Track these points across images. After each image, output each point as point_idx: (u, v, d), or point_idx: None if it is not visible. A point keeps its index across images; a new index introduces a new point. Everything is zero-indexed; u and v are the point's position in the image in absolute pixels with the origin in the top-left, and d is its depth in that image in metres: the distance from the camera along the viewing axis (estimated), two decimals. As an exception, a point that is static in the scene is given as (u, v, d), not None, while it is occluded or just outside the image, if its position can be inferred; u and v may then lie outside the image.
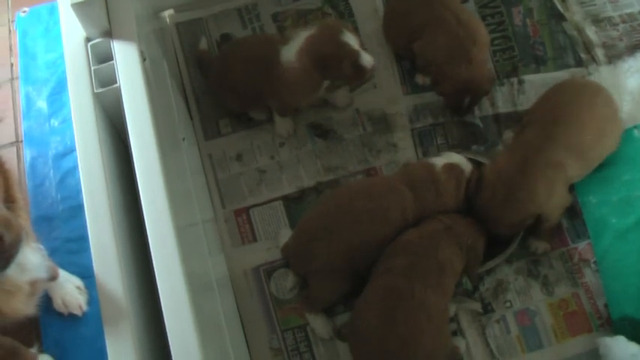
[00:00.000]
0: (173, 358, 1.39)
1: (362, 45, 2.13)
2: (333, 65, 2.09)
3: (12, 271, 1.42)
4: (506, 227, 2.05)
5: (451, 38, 2.21)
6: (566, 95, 2.14)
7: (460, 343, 2.04)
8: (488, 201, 2.02)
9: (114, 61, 1.70)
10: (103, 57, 1.73)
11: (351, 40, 2.08)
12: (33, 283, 1.59)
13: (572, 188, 2.17)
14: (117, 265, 1.50)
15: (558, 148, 2.00)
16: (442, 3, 2.27)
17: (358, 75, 2.13)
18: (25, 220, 1.51)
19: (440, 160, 2.08)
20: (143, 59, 1.70)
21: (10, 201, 1.46)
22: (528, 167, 1.98)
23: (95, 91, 1.68)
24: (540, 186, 1.98)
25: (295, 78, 2.15)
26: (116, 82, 1.68)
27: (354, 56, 2.08)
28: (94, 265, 1.51)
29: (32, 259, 1.56)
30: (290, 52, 2.15)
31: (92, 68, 1.70)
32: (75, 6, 1.67)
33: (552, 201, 2.03)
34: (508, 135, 2.27)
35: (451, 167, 2.06)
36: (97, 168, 1.58)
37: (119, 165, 1.71)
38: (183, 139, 2.05)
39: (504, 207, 1.99)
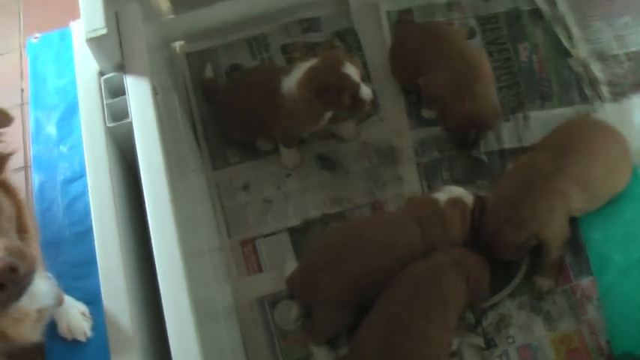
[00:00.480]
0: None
1: (363, 77, 2.15)
2: (333, 96, 2.10)
3: (23, 299, 1.44)
4: (509, 250, 2.06)
5: (454, 74, 2.23)
6: (580, 130, 2.17)
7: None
8: (492, 224, 2.04)
9: (126, 96, 1.72)
10: (116, 91, 1.75)
11: (351, 71, 2.10)
12: (41, 311, 1.60)
13: (574, 224, 2.19)
14: (124, 293, 1.51)
15: (565, 178, 2.02)
16: (446, 38, 2.30)
17: (357, 107, 2.15)
18: (35, 249, 1.52)
19: (443, 195, 2.09)
20: (155, 94, 1.72)
21: (22, 230, 1.47)
22: (532, 191, 2.01)
23: (107, 125, 1.70)
24: (542, 209, 2.00)
25: (295, 109, 2.17)
26: (128, 117, 1.69)
27: (354, 88, 2.10)
28: (102, 292, 1.52)
29: (42, 287, 1.57)
30: (291, 83, 2.17)
31: (105, 102, 1.72)
32: (89, 41, 1.69)
33: (552, 228, 2.05)
34: (512, 170, 2.29)
35: (454, 202, 2.08)
36: (108, 199, 1.60)
37: (129, 196, 1.73)
38: (192, 170, 2.07)
39: (506, 228, 2.01)
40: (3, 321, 1.46)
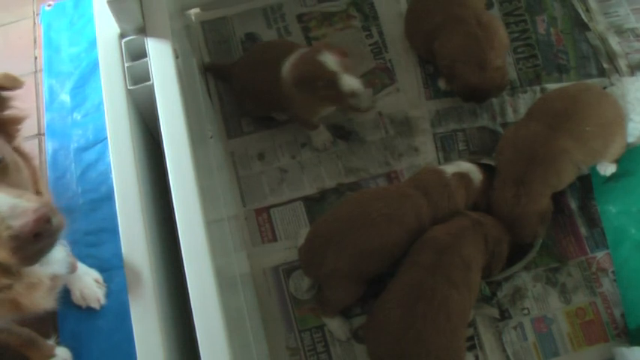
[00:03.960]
0: (200, 351, 1.40)
1: (347, 68, 2.03)
2: (309, 86, 2.05)
3: (40, 263, 1.43)
4: (534, 224, 2.05)
5: (469, 38, 2.21)
6: (567, 93, 2.16)
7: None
8: (505, 209, 2.04)
9: (147, 59, 1.71)
10: (137, 53, 1.74)
11: (328, 59, 2.01)
12: (54, 278, 1.60)
13: (591, 197, 2.19)
14: (146, 258, 1.50)
15: (562, 136, 2.01)
16: (463, 2, 2.27)
17: (339, 98, 2.05)
18: None
19: (450, 168, 2.10)
20: (176, 57, 1.71)
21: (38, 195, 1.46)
22: (536, 160, 2.01)
23: (128, 87, 1.69)
24: (551, 173, 2.02)
25: (291, 95, 2.13)
26: (149, 80, 1.68)
27: (329, 77, 2.01)
28: (124, 256, 1.51)
29: (56, 253, 1.56)
30: (286, 68, 2.13)
31: (125, 65, 1.71)
32: (111, 3, 1.68)
33: (564, 183, 2.09)
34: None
35: (461, 176, 2.08)
36: (129, 163, 1.59)
37: (149, 160, 1.72)
38: (211, 137, 2.06)
39: (521, 204, 2.01)
40: (16, 290, 1.45)
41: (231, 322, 1.48)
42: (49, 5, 2.73)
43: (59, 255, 1.59)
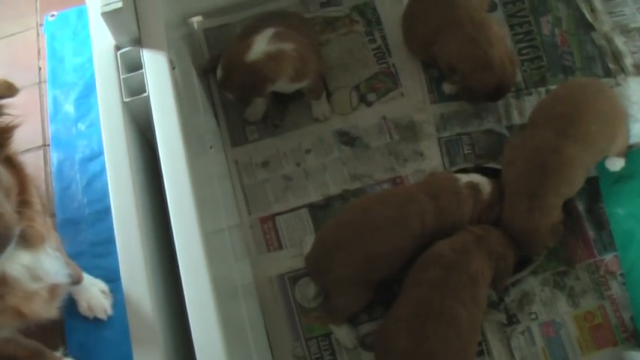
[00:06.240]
0: (198, 362, 1.40)
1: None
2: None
3: (23, 278, 1.43)
4: (547, 236, 2.02)
5: (467, 40, 2.17)
6: (566, 94, 2.13)
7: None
8: (517, 222, 2.00)
9: (143, 70, 1.70)
10: (133, 65, 1.74)
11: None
12: (52, 288, 1.59)
13: (599, 199, 2.18)
14: (143, 271, 1.51)
15: (571, 142, 1.98)
16: (456, 3, 2.23)
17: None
18: (41, 225, 1.49)
19: (465, 177, 2.08)
20: (172, 68, 1.70)
21: (24, 206, 1.45)
22: (549, 171, 1.97)
23: (124, 99, 1.68)
24: (564, 184, 1.99)
25: None
26: (145, 91, 1.68)
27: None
28: (121, 270, 1.52)
29: (47, 265, 1.54)
30: None
31: (121, 77, 1.71)
32: (105, 15, 1.67)
33: (576, 190, 2.06)
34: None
35: (472, 185, 2.05)
36: (126, 175, 1.59)
37: (147, 172, 1.72)
38: (211, 147, 2.05)
39: (534, 217, 1.97)
40: (14, 298, 1.45)
41: (231, 332, 1.48)
42: (52, 16, 2.73)
43: (51, 267, 1.57)
